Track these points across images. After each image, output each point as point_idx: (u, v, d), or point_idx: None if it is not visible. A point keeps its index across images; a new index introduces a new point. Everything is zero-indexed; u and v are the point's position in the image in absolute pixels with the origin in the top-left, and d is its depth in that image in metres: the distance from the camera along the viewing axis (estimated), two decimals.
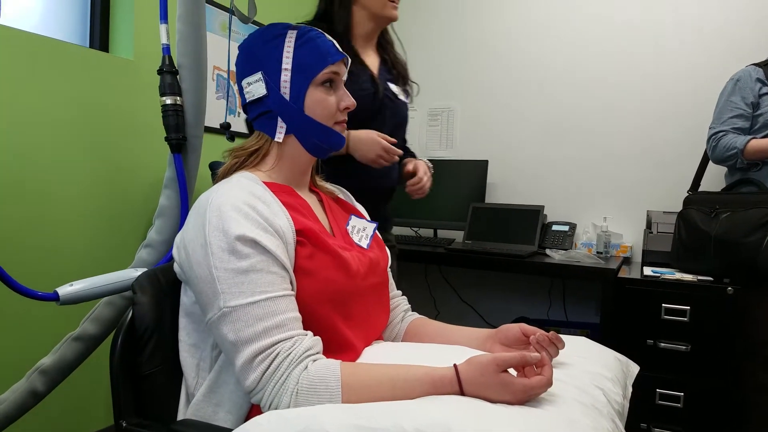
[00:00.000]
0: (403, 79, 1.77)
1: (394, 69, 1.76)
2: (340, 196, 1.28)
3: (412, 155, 1.85)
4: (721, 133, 2.14)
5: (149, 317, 1.03)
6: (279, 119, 1.06)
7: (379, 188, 1.70)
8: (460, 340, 1.16)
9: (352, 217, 1.21)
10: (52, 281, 1.41)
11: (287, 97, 1.05)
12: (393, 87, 1.72)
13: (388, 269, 1.24)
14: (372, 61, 1.71)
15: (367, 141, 1.51)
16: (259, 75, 1.04)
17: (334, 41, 1.10)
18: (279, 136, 1.06)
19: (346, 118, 1.13)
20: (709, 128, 2.21)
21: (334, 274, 1.00)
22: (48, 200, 1.83)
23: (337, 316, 1.00)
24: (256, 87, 1.05)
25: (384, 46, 1.76)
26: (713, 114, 2.22)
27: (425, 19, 3.14)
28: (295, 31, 1.06)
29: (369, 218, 1.27)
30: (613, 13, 2.79)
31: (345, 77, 1.13)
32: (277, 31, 1.07)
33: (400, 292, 1.33)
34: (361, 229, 1.19)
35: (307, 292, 0.96)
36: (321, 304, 0.98)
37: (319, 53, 1.06)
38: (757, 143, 2.04)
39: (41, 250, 1.82)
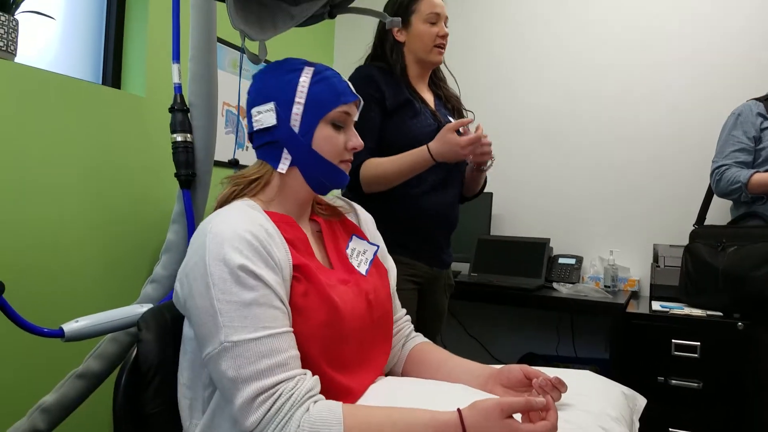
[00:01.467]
0: (458, 112, 1.86)
1: (449, 103, 1.86)
2: (350, 216, 1.25)
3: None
4: (724, 167, 2.15)
5: (154, 355, 1.02)
6: (285, 150, 1.06)
7: (444, 218, 1.75)
8: (461, 376, 1.13)
9: (353, 238, 1.18)
10: (58, 317, 1.41)
11: (296, 129, 1.05)
12: (452, 120, 1.78)
13: (392, 292, 1.22)
14: (428, 98, 1.79)
15: (448, 152, 1.55)
16: (270, 105, 1.05)
17: (349, 83, 1.11)
18: (282, 167, 1.06)
19: (352, 158, 1.13)
20: (712, 162, 2.22)
21: (325, 319, 0.97)
22: (56, 234, 1.85)
23: (324, 361, 0.97)
24: (265, 116, 1.05)
25: (436, 83, 1.87)
26: (716, 148, 2.23)
27: None
28: (312, 68, 1.08)
29: (371, 240, 1.24)
30: (619, 51, 2.82)
31: (356, 118, 1.13)
32: (294, 65, 1.08)
33: (404, 311, 1.30)
34: (362, 252, 1.17)
35: (297, 331, 0.94)
36: (308, 346, 0.95)
37: (334, 92, 1.07)
38: (761, 177, 2.04)
39: (47, 286, 1.82)
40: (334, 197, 1.29)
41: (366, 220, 1.30)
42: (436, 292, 1.82)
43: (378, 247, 1.21)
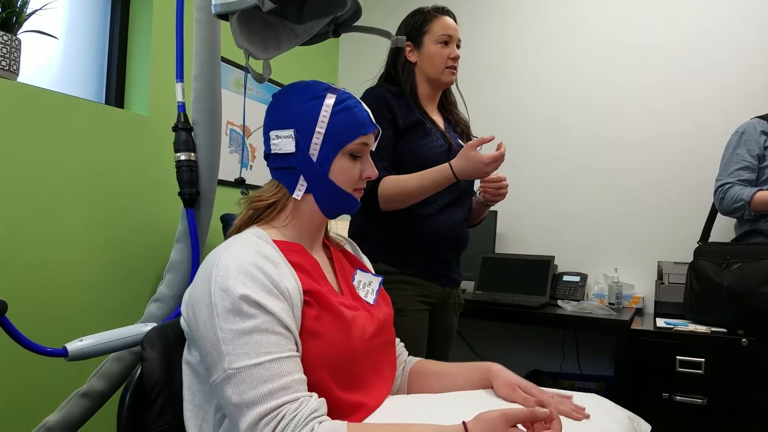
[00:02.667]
0: (467, 137, 1.87)
1: (458, 127, 1.87)
2: (348, 248, 1.28)
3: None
4: (727, 185, 2.15)
5: (158, 374, 1.02)
6: (301, 177, 1.07)
7: (455, 237, 1.75)
8: (463, 382, 1.18)
9: (358, 271, 1.21)
10: (61, 336, 1.41)
11: (314, 158, 1.06)
12: (461, 142, 1.80)
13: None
14: (437, 119, 1.80)
15: (471, 169, 1.55)
16: (290, 132, 1.05)
17: (369, 111, 1.12)
18: (298, 194, 1.07)
19: (365, 186, 1.14)
20: (716, 180, 2.22)
21: (338, 337, 0.99)
22: (59, 253, 1.85)
23: (334, 384, 0.98)
24: (284, 142, 1.06)
25: (447, 107, 1.87)
26: (719, 166, 2.24)
27: None
28: (334, 96, 1.07)
29: (374, 272, 1.27)
30: (624, 71, 2.84)
31: (373, 148, 1.14)
32: (317, 92, 1.07)
33: (398, 339, 1.32)
34: (367, 284, 1.19)
35: (310, 354, 0.95)
36: (320, 369, 0.96)
37: (355, 123, 1.07)
38: (764, 195, 2.05)
39: (50, 305, 1.82)
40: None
41: (360, 251, 1.32)
42: (447, 311, 1.83)
43: (383, 277, 1.24)
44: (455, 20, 1.79)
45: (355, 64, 3.46)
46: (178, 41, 1.53)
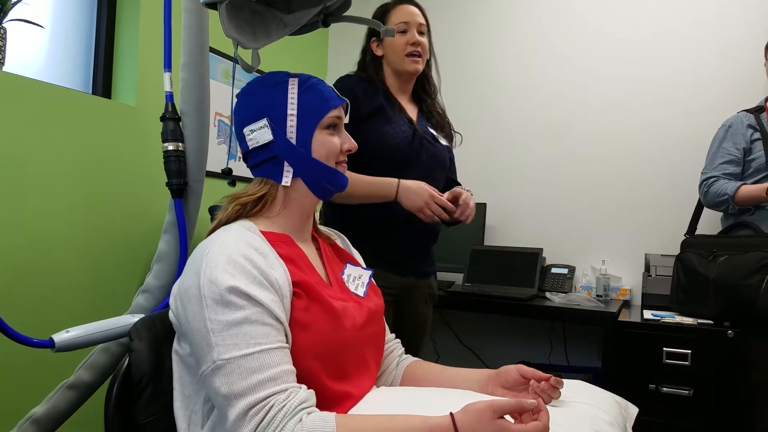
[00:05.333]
0: (441, 127, 1.86)
1: (432, 118, 1.86)
2: (338, 242, 1.27)
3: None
4: (712, 179, 2.16)
5: (146, 364, 1.01)
6: (285, 163, 1.06)
7: (425, 228, 1.73)
8: (460, 383, 1.15)
9: (348, 265, 1.21)
10: (48, 327, 1.40)
11: (294, 141, 1.06)
12: (432, 131, 1.80)
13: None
14: (410, 109, 1.80)
15: (416, 189, 1.57)
16: (264, 122, 1.05)
17: (334, 88, 1.13)
18: (286, 180, 1.07)
19: (346, 159, 1.15)
20: (702, 173, 2.23)
21: (328, 328, 0.99)
22: (45, 245, 1.83)
23: (324, 373, 0.99)
24: (260, 134, 1.05)
25: (422, 97, 1.86)
26: (705, 159, 2.25)
27: None
28: (296, 79, 1.09)
29: (365, 266, 1.27)
30: (610, 65, 2.85)
31: (346, 121, 1.15)
32: (279, 79, 1.09)
33: (393, 336, 1.32)
34: (357, 277, 1.19)
35: (300, 345, 0.95)
36: (310, 359, 0.97)
37: (323, 98, 1.08)
38: (748, 190, 2.06)
39: (37, 296, 1.81)
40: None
41: (350, 245, 1.32)
42: (414, 300, 1.81)
43: (372, 271, 1.24)
44: (419, 8, 1.79)
45: (344, 55, 3.43)
46: (166, 30, 1.51)
